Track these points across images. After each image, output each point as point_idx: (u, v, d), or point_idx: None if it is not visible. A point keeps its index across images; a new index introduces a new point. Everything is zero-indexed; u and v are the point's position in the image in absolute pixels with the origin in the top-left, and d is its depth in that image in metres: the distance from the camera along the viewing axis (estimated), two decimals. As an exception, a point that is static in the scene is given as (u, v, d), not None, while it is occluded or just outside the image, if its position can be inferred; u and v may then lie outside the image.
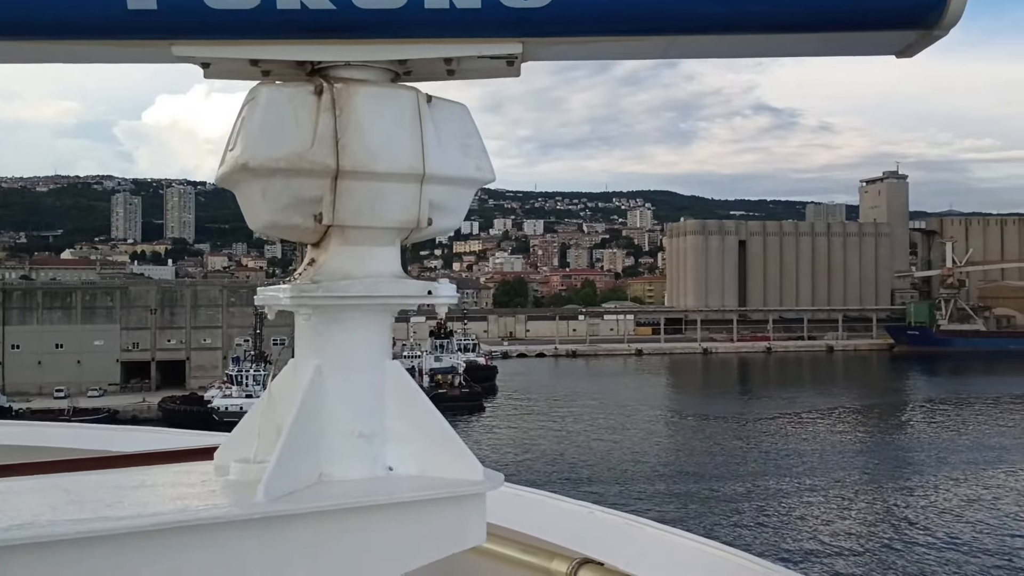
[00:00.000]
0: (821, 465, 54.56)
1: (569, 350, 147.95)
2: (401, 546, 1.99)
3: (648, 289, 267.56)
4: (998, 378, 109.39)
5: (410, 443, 2.07)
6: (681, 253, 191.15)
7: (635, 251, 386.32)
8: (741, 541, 36.46)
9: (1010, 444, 61.83)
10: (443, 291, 2.15)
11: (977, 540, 38.07)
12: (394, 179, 2.00)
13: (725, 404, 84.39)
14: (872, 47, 1.91)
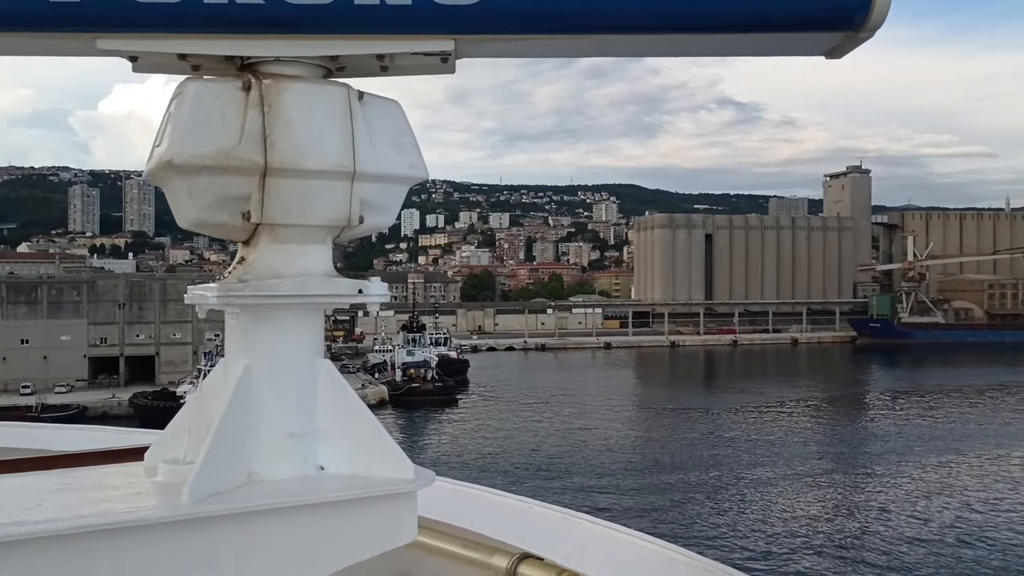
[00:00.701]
0: (785, 456, 55.60)
1: (538, 343, 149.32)
2: (332, 545, 1.99)
3: (615, 283, 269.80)
4: (957, 369, 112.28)
5: (341, 442, 2.07)
6: (648, 247, 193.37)
7: (601, 245, 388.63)
8: (701, 533, 37.36)
9: (969, 433, 63.75)
10: (374, 290, 2.14)
11: (940, 527, 39.16)
12: (324, 177, 1.97)
13: (692, 396, 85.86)
14: (801, 48, 1.94)
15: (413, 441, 64.60)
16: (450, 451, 58.16)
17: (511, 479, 47.08)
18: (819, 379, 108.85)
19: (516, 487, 44.12)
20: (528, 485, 44.82)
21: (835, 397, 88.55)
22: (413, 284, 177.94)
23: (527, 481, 46.47)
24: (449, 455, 56.36)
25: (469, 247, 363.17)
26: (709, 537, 36.83)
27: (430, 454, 57.04)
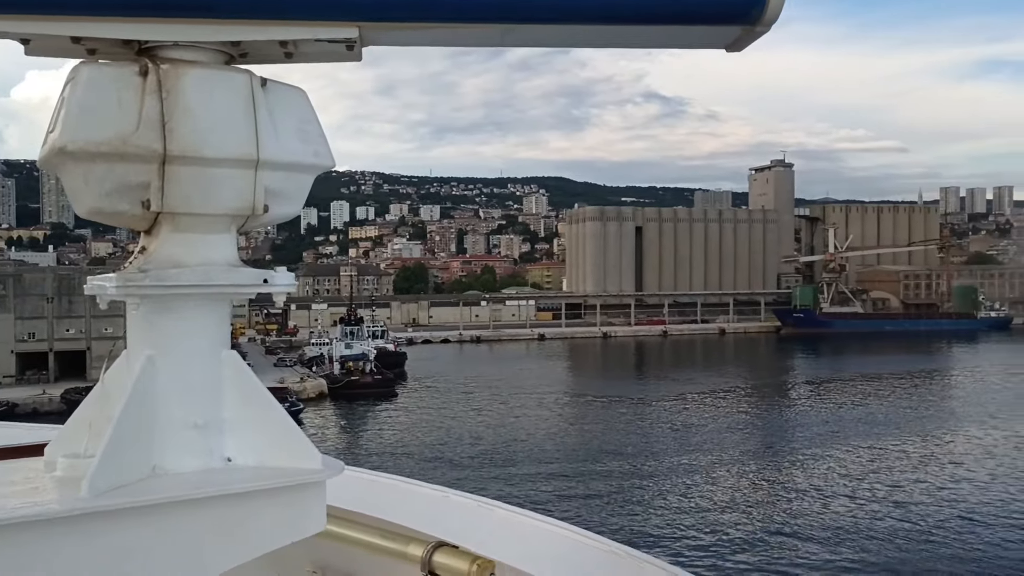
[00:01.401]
0: (714, 443, 56.81)
1: (473, 336, 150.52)
2: (239, 537, 1.98)
3: (547, 275, 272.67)
4: (874, 357, 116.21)
5: (248, 433, 2.07)
6: (580, 239, 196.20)
7: (532, 237, 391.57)
8: (630, 520, 37.90)
9: (888, 418, 66.15)
10: (280, 279, 2.14)
11: (865, 505, 40.50)
12: (226, 165, 1.94)
13: (624, 386, 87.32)
14: (703, 40, 1.98)
15: (354, 434, 65.18)
16: (391, 443, 58.55)
17: (449, 469, 47.75)
18: (746, 368, 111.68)
19: (454, 477, 44.66)
20: (465, 475, 45.60)
21: (761, 385, 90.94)
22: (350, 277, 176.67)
23: (464, 471, 47.17)
24: (390, 447, 56.85)
25: (400, 240, 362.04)
26: (638, 524, 37.42)
27: (371, 446, 57.70)
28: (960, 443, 55.15)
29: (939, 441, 56.49)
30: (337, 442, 59.62)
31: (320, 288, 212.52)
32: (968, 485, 43.75)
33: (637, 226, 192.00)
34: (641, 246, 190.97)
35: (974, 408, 70.46)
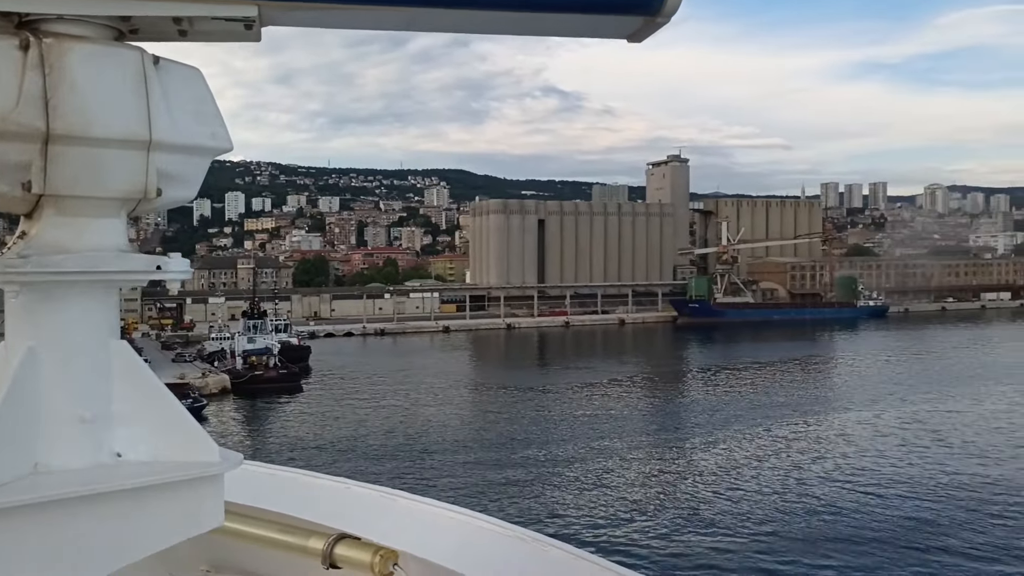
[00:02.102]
0: (615, 429, 57.31)
1: (377, 328, 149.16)
2: (131, 534, 1.89)
3: (449, 267, 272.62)
4: (764, 344, 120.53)
5: (140, 427, 1.98)
6: (484, 232, 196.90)
7: (433, 229, 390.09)
8: (531, 505, 37.94)
9: (779, 402, 68.63)
10: (174, 266, 2.04)
11: (761, 485, 41.53)
12: (115, 145, 1.84)
13: (528, 376, 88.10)
14: (604, 30, 1.98)
15: (259, 429, 63.96)
16: (298, 437, 57.59)
17: (357, 461, 47.48)
18: (646, 356, 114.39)
19: (362, 469, 44.45)
20: (373, 466, 45.41)
21: (661, 372, 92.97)
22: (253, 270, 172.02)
23: (372, 463, 46.92)
24: (296, 441, 55.92)
25: (299, 231, 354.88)
26: (543, 509, 37.52)
27: (277, 441, 56.78)
28: (849, 424, 57.89)
29: (829, 422, 58.98)
30: (242, 438, 58.40)
31: (216, 281, 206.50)
32: (859, 461, 45.99)
33: (540, 219, 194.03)
34: (543, 239, 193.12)
35: (858, 391, 73.99)
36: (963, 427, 55.24)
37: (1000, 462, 44.72)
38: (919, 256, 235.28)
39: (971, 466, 43.85)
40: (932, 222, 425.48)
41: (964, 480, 40.80)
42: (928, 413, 60.94)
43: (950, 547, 30.97)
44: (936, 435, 52.81)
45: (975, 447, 48.84)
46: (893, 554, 30.48)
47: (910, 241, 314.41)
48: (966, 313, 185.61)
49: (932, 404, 64.68)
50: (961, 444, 49.91)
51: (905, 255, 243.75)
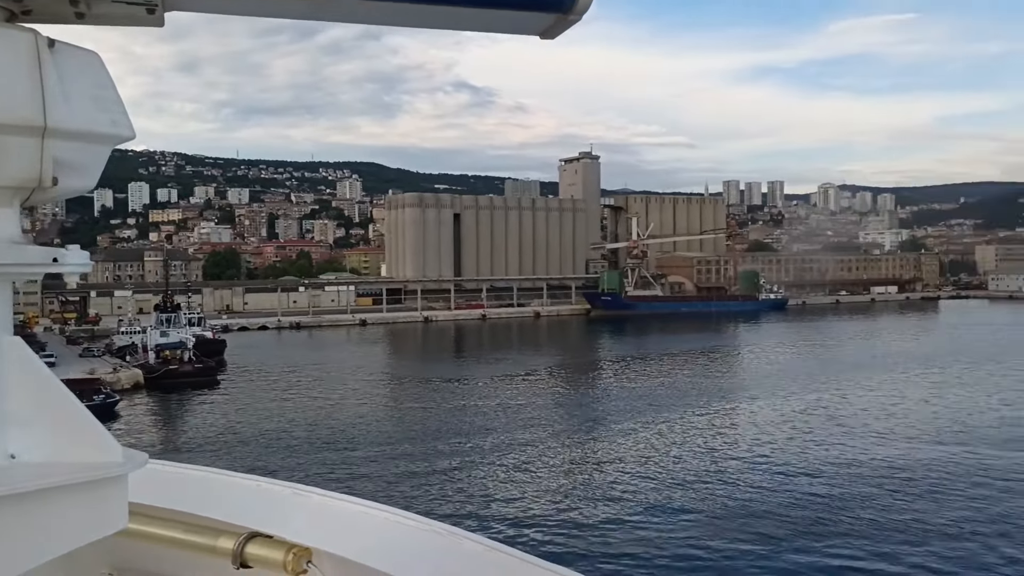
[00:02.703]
0: (531, 420, 57.16)
1: (293, 322, 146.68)
2: (28, 539, 1.74)
3: (364, 260, 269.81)
4: (673, 336, 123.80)
5: (36, 427, 1.84)
6: (399, 225, 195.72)
7: (346, 222, 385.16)
8: (447, 498, 37.40)
9: (688, 390, 70.01)
10: (72, 259, 1.89)
11: (667, 476, 41.67)
12: (7, 131, 1.69)
13: (446, 368, 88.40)
14: (517, 26, 1.95)
15: (174, 425, 62.34)
16: (214, 433, 56.01)
17: (274, 457, 46.55)
18: (560, 348, 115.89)
19: (279, 464, 43.65)
20: (290, 462, 44.65)
21: (576, 364, 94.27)
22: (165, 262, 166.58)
23: (289, 458, 46.05)
24: (213, 437, 54.50)
25: (208, 223, 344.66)
26: (459, 502, 37.08)
27: (193, 437, 55.48)
28: (756, 410, 59.67)
29: (736, 409, 60.74)
30: (156, 434, 56.91)
31: (122, 274, 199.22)
32: (766, 444, 47.55)
33: (456, 213, 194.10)
34: (459, 232, 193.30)
35: (763, 379, 76.31)
36: (859, 412, 58.00)
37: (893, 443, 47.36)
38: (815, 252, 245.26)
39: (869, 447, 46.27)
40: (826, 219, 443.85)
41: (862, 460, 42.97)
42: (828, 399, 63.45)
43: (854, 521, 32.81)
44: (835, 420, 54.96)
45: (871, 430, 51.36)
46: (803, 528, 32.01)
47: (806, 237, 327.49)
48: (858, 306, 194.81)
49: (831, 391, 67.45)
50: (861, 427, 52.43)
51: (802, 251, 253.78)
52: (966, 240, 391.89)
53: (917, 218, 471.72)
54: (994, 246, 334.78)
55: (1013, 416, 55.42)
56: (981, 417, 55.31)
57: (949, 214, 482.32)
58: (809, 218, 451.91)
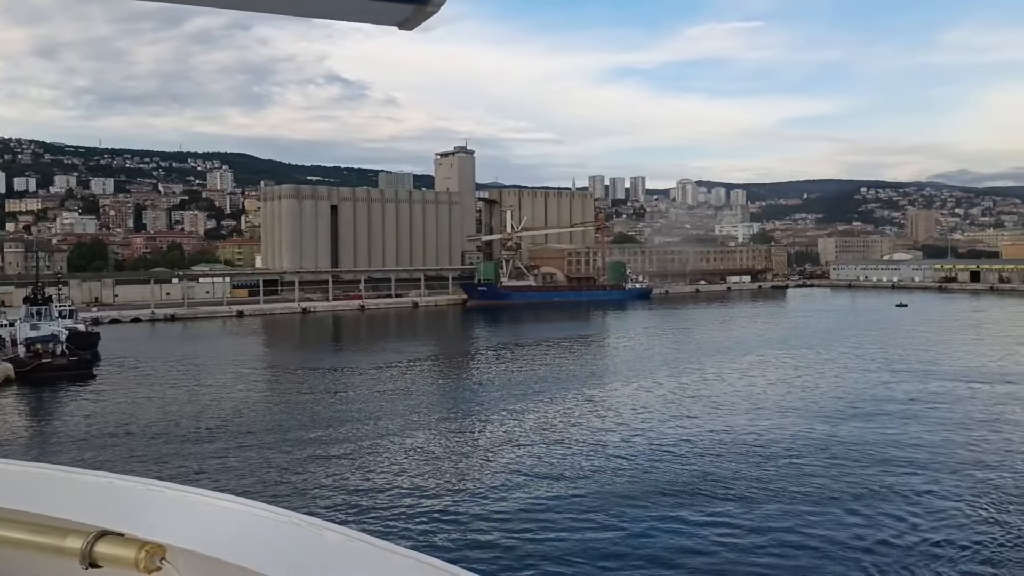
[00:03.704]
0: (410, 408, 56.09)
1: (167, 314, 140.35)
2: None
3: (238, 252, 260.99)
4: (547, 324, 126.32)
5: None
6: (276, 217, 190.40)
7: (217, 213, 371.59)
8: (314, 491, 35.99)
9: (562, 376, 71.37)
10: None
11: (542, 456, 41.95)
12: None
13: (324, 358, 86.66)
14: (376, 16, 1.95)
15: (48, 420, 58.98)
16: (88, 428, 52.91)
17: (148, 450, 44.34)
18: (439, 337, 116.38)
19: (151, 457, 41.85)
20: (163, 455, 42.77)
21: (454, 352, 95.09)
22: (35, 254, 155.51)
23: (163, 451, 43.83)
24: (88, 432, 51.60)
25: (71, 214, 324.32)
26: (327, 492, 35.76)
27: (67, 432, 52.68)
28: (630, 391, 61.33)
29: (608, 392, 61.86)
30: (28, 431, 53.71)
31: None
32: (638, 423, 49.09)
33: (332, 205, 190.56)
34: (336, 224, 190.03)
35: (633, 363, 78.60)
36: (724, 391, 61.03)
37: (757, 419, 50.36)
38: (675, 244, 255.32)
39: (736, 422, 48.96)
40: (684, 213, 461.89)
41: (730, 434, 45.43)
42: (695, 380, 66.10)
43: (728, 488, 34.99)
44: (703, 399, 57.35)
45: (736, 407, 54.23)
46: (683, 499, 33.84)
47: (666, 230, 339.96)
48: (715, 294, 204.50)
49: (697, 373, 70.44)
50: (728, 405, 55.23)
51: (664, 243, 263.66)
52: (809, 233, 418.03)
53: (766, 212, 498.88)
54: (834, 239, 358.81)
55: (856, 391, 60.15)
56: (829, 393, 59.65)
57: (794, 209, 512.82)
58: (669, 212, 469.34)
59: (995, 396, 57.27)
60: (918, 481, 35.87)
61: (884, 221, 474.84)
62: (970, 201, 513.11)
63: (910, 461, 39.29)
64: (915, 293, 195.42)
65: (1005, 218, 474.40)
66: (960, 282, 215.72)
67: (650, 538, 29.39)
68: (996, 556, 27.26)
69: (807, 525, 30.16)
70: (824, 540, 28.66)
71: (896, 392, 59.29)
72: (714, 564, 26.80)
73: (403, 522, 31.50)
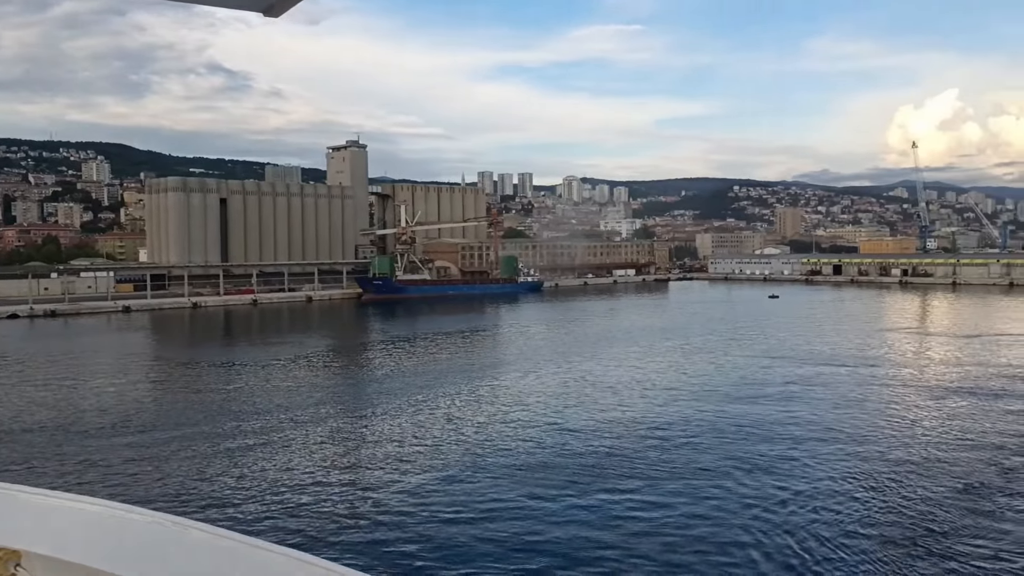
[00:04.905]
0: (299, 403, 54.29)
1: (47, 310, 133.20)
2: None
3: (119, 246, 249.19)
4: (442, 317, 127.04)
5: None
6: (161, 210, 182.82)
7: (94, 206, 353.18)
8: (193, 489, 34.29)
9: (457, 367, 72.19)
10: None
11: (440, 446, 41.87)
12: None
13: (215, 354, 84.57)
14: (240, 2, 1.94)
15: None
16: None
17: (23, 453, 41.14)
18: (334, 331, 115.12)
19: (20, 461, 38.70)
20: (30, 457, 39.98)
21: (349, 346, 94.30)
22: None
23: (30, 453, 40.92)
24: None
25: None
26: (206, 490, 34.13)
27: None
28: (526, 380, 62.41)
29: (508, 380, 62.62)
30: None
31: None
32: (537, 409, 50.21)
33: (222, 198, 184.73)
34: (226, 217, 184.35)
35: (528, 353, 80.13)
36: (619, 377, 63.23)
37: (652, 403, 53.03)
38: (564, 238, 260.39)
39: (632, 406, 51.38)
40: (570, 209, 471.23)
41: (628, 417, 47.49)
42: (589, 368, 68.01)
43: (632, 468, 36.98)
44: (598, 385, 59.19)
45: (632, 392, 56.77)
46: (588, 481, 35.43)
47: (554, 225, 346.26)
48: (602, 287, 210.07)
49: (590, 361, 72.72)
50: (625, 390, 57.55)
51: (552, 237, 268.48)
52: (688, 229, 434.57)
53: (647, 209, 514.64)
54: (710, 234, 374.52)
55: (739, 376, 63.90)
56: (715, 378, 63.12)
57: (673, 206, 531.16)
58: (556, 208, 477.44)
59: (860, 378, 62.14)
60: (798, 454, 38.94)
61: (755, 218, 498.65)
62: (831, 199, 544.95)
63: (791, 437, 42.51)
64: (785, 285, 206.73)
65: (862, 216, 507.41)
66: (824, 275, 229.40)
67: (557, 520, 30.30)
68: (866, 516, 30.21)
69: (706, 498, 32.39)
70: (721, 510, 30.91)
71: (774, 376, 63.35)
72: (622, 540, 28.41)
73: (287, 518, 30.30)
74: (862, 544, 27.45)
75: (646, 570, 25.51)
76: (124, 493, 32.59)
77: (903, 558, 26.28)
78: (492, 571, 25.61)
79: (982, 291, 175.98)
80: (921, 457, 38.55)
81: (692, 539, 27.95)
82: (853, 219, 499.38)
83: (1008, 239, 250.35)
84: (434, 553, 26.98)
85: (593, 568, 25.75)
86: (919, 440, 41.94)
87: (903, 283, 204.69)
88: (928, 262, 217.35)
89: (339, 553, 25.95)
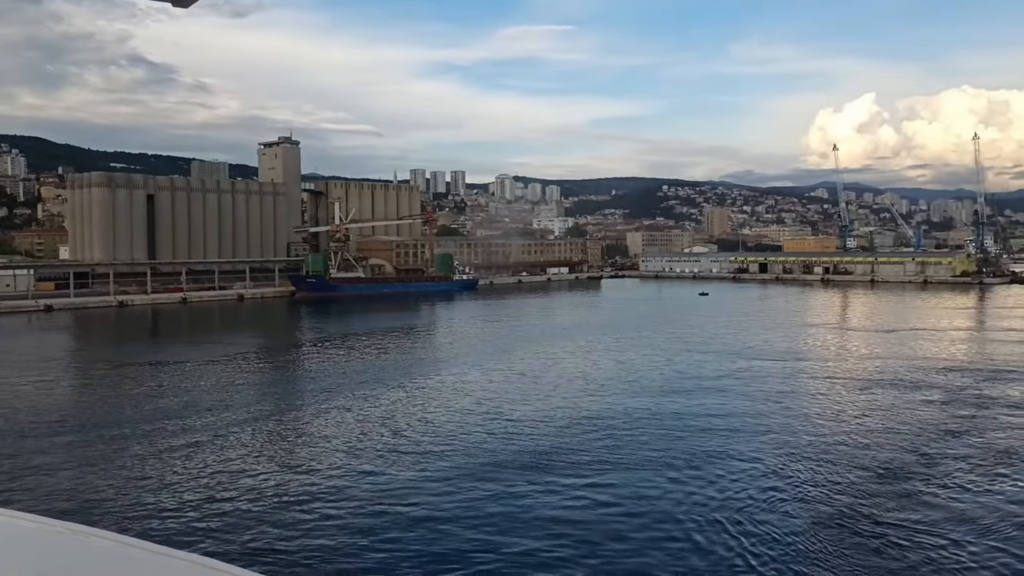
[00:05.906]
0: (225, 402, 52.73)
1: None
2: None
3: (38, 243, 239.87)
4: (377, 315, 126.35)
5: None
6: (85, 206, 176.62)
7: (9, 201, 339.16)
8: (105, 498, 32.30)
9: (392, 365, 71.15)
10: None
11: (376, 446, 41.38)
12: None
13: (141, 352, 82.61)
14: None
15: None
16: None
17: None
18: (266, 330, 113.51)
19: None
20: None
21: (282, 344, 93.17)
22: None
23: None
24: None
25: None
26: (118, 499, 32.18)
27: None
28: (464, 378, 62.55)
29: (444, 378, 62.56)
30: None
31: None
32: (477, 406, 50.58)
33: (149, 194, 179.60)
34: (153, 214, 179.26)
35: (464, 351, 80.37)
36: (558, 374, 64.42)
37: (592, 398, 54.17)
38: (498, 237, 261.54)
39: (577, 401, 52.41)
40: (503, 207, 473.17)
41: (569, 412, 48.50)
42: (526, 365, 68.85)
43: (576, 460, 37.94)
44: (537, 381, 60.00)
45: (572, 387, 57.74)
46: (533, 474, 36.06)
47: (487, 223, 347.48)
48: (537, 285, 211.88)
49: (528, 358, 73.42)
50: (565, 385, 58.48)
51: (487, 235, 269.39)
52: (619, 228, 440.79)
53: (578, 208, 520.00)
54: (641, 233, 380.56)
55: (674, 370, 65.72)
56: (652, 373, 64.78)
57: (604, 204, 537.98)
58: (489, 206, 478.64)
59: (789, 371, 64.65)
60: (733, 444, 40.51)
61: (684, 217, 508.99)
62: (756, 199, 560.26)
63: (727, 428, 44.13)
64: (714, 283, 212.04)
65: (785, 215, 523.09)
66: (751, 273, 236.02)
67: (504, 513, 30.79)
68: (799, 500, 31.82)
69: (647, 487, 33.53)
70: (663, 499, 32.07)
71: (708, 370, 65.33)
72: (570, 531, 29.26)
73: (205, 522, 29.13)
74: (795, 525, 28.94)
75: (590, 561, 26.39)
76: (31, 499, 31.33)
77: (832, 538, 27.84)
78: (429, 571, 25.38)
79: (898, 288, 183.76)
80: (847, 445, 40.57)
81: (636, 527, 28.97)
82: (777, 218, 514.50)
83: (922, 239, 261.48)
84: (360, 555, 26.42)
85: (533, 559, 26.43)
86: (845, 429, 44.08)
87: (825, 281, 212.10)
88: (848, 260, 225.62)
89: (255, 559, 25.01)
